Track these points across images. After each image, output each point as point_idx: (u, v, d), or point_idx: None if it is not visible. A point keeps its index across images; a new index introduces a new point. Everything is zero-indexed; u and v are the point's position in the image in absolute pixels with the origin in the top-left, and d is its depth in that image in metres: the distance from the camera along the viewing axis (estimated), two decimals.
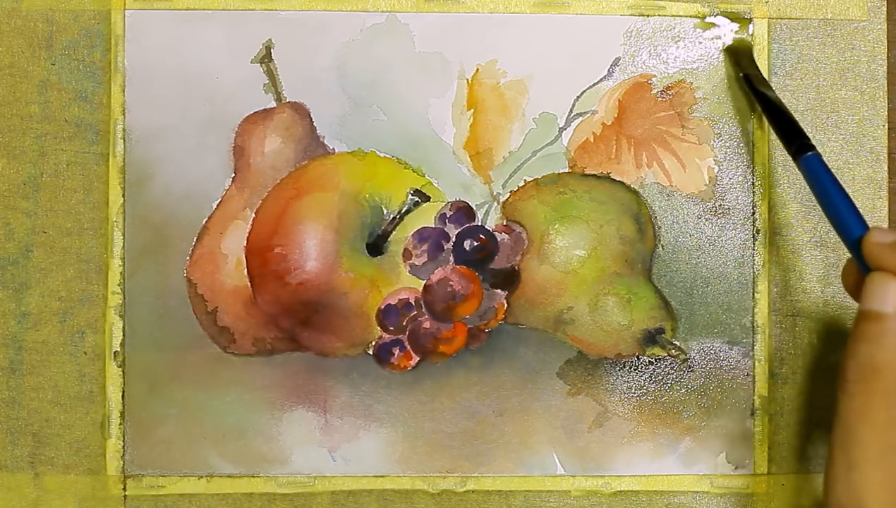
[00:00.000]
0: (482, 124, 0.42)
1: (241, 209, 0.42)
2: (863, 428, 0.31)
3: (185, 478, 0.41)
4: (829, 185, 0.36)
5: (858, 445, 0.31)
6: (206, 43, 0.42)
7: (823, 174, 0.36)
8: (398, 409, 0.42)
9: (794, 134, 0.38)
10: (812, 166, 0.36)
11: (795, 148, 0.37)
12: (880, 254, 0.33)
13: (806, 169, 0.36)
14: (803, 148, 0.37)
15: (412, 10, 0.42)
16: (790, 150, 0.37)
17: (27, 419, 0.41)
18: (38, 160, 0.42)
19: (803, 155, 0.37)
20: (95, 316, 0.41)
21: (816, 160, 0.36)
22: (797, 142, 0.37)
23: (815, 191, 0.36)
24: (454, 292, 0.41)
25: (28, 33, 0.42)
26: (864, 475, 0.31)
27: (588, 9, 0.42)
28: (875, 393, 0.31)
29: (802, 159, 0.37)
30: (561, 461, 0.42)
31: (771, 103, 0.39)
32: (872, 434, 0.31)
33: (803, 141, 0.37)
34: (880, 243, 0.33)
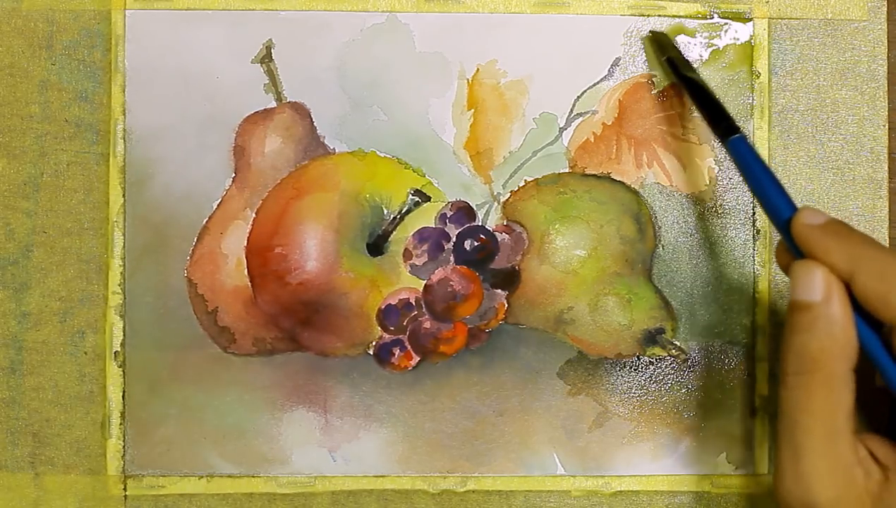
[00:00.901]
0: (482, 124, 0.42)
1: (242, 209, 0.42)
2: (805, 418, 0.31)
3: (185, 478, 0.41)
4: (755, 167, 0.35)
5: (802, 435, 0.31)
6: (206, 43, 0.42)
7: (750, 156, 0.36)
8: (398, 409, 0.42)
9: (720, 117, 0.38)
10: (739, 148, 0.36)
11: (722, 131, 0.37)
12: (808, 236, 0.33)
13: (733, 151, 0.36)
14: (730, 130, 0.37)
15: (412, 10, 0.42)
16: (717, 133, 0.37)
17: (27, 419, 0.41)
18: (38, 160, 0.42)
19: (730, 137, 0.36)
20: (95, 316, 0.41)
21: (743, 142, 0.36)
22: (723, 124, 0.37)
23: (743, 173, 0.36)
24: (454, 292, 0.41)
25: (28, 33, 0.42)
26: (810, 463, 0.31)
27: (588, 9, 0.42)
28: (813, 382, 0.31)
29: (729, 142, 0.36)
30: (561, 461, 0.42)
31: (697, 86, 0.39)
32: (815, 422, 0.31)
33: (729, 123, 0.37)
34: (810, 225, 0.33)
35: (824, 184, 0.42)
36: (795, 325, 0.32)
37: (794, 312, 0.32)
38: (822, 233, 0.33)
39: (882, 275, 0.30)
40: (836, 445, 0.31)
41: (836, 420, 0.31)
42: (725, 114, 0.38)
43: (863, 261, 0.31)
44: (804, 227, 0.33)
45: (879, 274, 0.30)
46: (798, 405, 0.31)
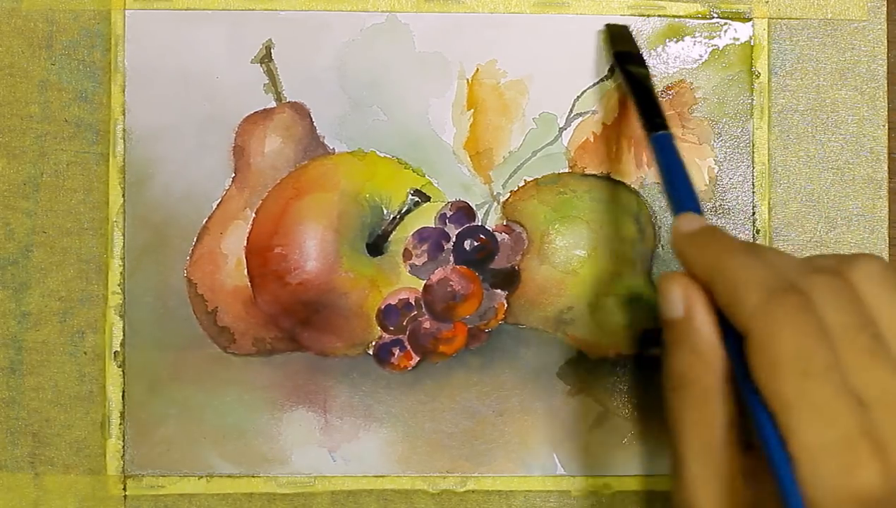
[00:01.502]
0: (482, 124, 0.42)
1: (241, 209, 0.42)
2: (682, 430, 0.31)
3: (185, 478, 0.41)
4: (673, 165, 0.35)
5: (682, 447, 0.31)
6: (206, 43, 0.42)
7: (671, 154, 0.36)
8: (398, 409, 0.42)
9: (653, 113, 0.38)
10: (661, 144, 0.36)
11: (650, 125, 0.37)
12: (678, 245, 0.32)
13: (655, 146, 0.36)
14: (657, 126, 0.37)
15: (412, 10, 0.42)
16: (645, 127, 0.37)
17: (27, 419, 0.41)
18: (38, 160, 0.42)
19: (655, 133, 0.37)
20: (95, 316, 0.41)
21: (667, 140, 0.36)
22: (653, 120, 0.37)
23: (660, 169, 0.36)
24: (454, 292, 0.42)
25: (28, 33, 0.42)
26: (689, 471, 0.31)
27: (588, 9, 0.42)
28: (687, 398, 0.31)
29: (653, 137, 0.36)
30: (561, 461, 0.42)
31: (636, 80, 0.39)
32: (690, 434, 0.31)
33: (659, 120, 0.37)
34: (682, 233, 0.33)
35: (824, 184, 0.42)
36: (666, 343, 0.32)
37: (664, 330, 0.32)
38: (689, 243, 0.32)
39: (732, 289, 0.30)
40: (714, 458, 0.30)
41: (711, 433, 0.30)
42: (659, 111, 0.38)
43: (716, 274, 0.30)
44: (678, 236, 0.33)
45: (730, 287, 0.30)
46: (676, 419, 0.31)
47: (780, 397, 0.28)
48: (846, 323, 0.29)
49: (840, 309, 0.29)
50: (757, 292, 0.29)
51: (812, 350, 0.28)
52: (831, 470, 0.27)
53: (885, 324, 0.29)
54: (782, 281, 0.29)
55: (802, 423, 0.27)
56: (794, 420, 0.27)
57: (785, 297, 0.29)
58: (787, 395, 0.28)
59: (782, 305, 0.28)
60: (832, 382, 0.27)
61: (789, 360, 0.28)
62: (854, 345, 0.28)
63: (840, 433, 0.27)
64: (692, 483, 0.31)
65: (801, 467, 0.27)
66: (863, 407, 0.27)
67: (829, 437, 0.27)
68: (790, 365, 0.28)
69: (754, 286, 0.29)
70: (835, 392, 0.27)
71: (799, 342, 0.28)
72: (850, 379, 0.28)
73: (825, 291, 0.29)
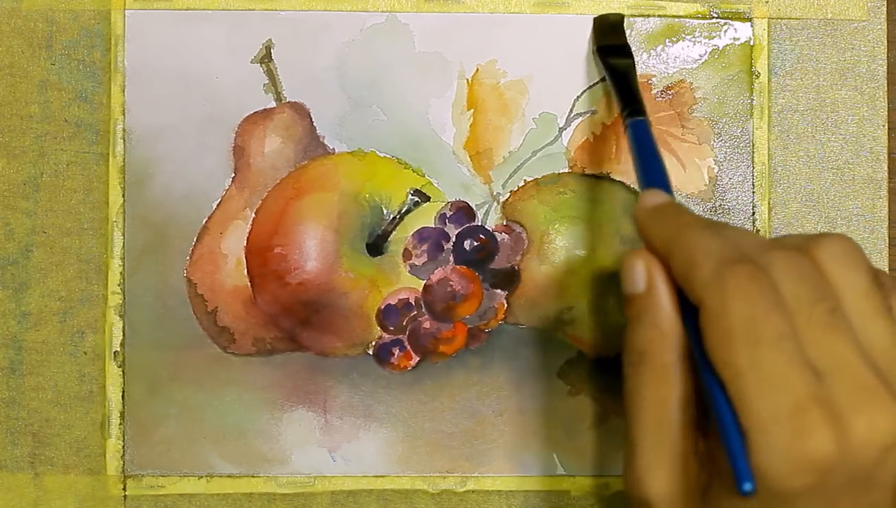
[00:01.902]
0: (482, 124, 0.42)
1: (241, 209, 0.42)
2: (637, 409, 0.31)
3: (185, 478, 0.41)
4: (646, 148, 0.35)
5: (636, 427, 0.30)
6: (206, 43, 0.42)
7: (645, 138, 0.36)
8: (398, 409, 0.42)
9: (631, 99, 0.38)
10: (637, 129, 0.36)
11: (627, 112, 0.37)
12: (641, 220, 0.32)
13: (631, 131, 0.36)
14: (634, 113, 0.37)
15: (412, 10, 0.42)
16: (622, 113, 0.38)
17: (27, 419, 0.41)
18: (38, 160, 0.42)
19: (632, 119, 0.37)
20: (95, 316, 0.41)
21: (643, 125, 0.36)
22: (631, 106, 0.37)
23: (634, 152, 0.36)
24: (454, 292, 0.42)
25: (28, 33, 0.42)
26: (641, 454, 0.30)
27: (588, 9, 0.42)
28: (643, 374, 0.30)
29: (630, 122, 0.37)
30: (561, 461, 0.42)
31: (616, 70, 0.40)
32: (645, 412, 0.30)
33: (636, 107, 0.37)
34: (644, 208, 0.32)
35: (824, 183, 0.42)
36: (627, 318, 0.32)
37: (625, 306, 0.32)
38: (650, 217, 0.32)
39: (687, 260, 0.29)
40: (668, 437, 0.30)
41: (667, 411, 0.30)
42: (637, 98, 0.38)
43: (674, 246, 0.30)
44: (640, 211, 0.32)
45: (685, 258, 0.30)
46: (631, 397, 0.31)
47: (732, 366, 0.28)
48: (802, 295, 0.28)
49: (797, 282, 0.29)
50: (710, 262, 0.29)
51: (764, 318, 0.28)
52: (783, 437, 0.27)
53: (847, 302, 0.29)
54: (736, 252, 0.29)
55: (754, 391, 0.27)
56: (746, 388, 0.27)
57: (737, 267, 0.28)
58: (738, 364, 0.27)
59: (734, 275, 0.28)
60: (784, 351, 0.27)
61: (740, 329, 0.28)
62: (811, 317, 0.28)
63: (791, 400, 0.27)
64: (644, 461, 0.30)
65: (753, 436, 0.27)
66: (817, 376, 0.27)
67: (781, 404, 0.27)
68: (741, 333, 0.28)
69: (708, 257, 0.29)
70: (787, 360, 0.27)
71: (750, 310, 0.28)
72: (806, 350, 0.28)
73: (784, 265, 0.29)
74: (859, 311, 0.29)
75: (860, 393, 0.27)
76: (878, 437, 0.27)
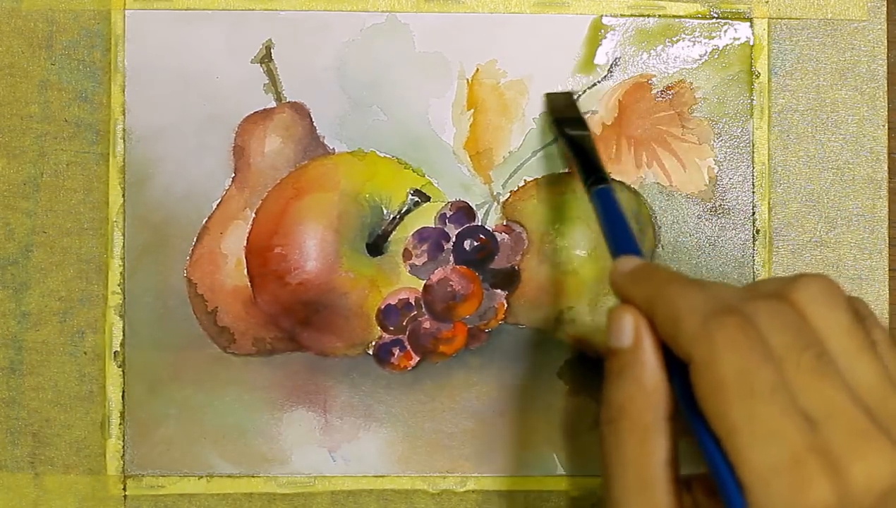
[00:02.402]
0: (482, 124, 0.42)
1: (241, 209, 0.42)
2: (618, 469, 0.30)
3: (185, 478, 0.41)
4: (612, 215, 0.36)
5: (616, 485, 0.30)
6: (206, 43, 0.42)
7: (610, 205, 0.36)
8: (398, 409, 0.42)
9: (593, 169, 0.38)
10: (602, 197, 0.37)
11: (591, 180, 0.38)
12: (616, 284, 0.32)
13: (596, 199, 0.37)
14: (597, 181, 0.37)
15: (412, 10, 0.42)
16: (585, 183, 0.38)
17: (27, 419, 0.41)
18: (38, 160, 0.42)
19: (596, 187, 0.37)
20: (95, 316, 0.41)
21: (607, 193, 0.37)
22: (593, 175, 0.38)
23: (601, 220, 0.36)
24: (454, 292, 0.42)
25: (28, 33, 0.42)
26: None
27: (588, 9, 0.42)
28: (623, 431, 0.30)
29: (594, 191, 0.37)
30: (561, 461, 0.42)
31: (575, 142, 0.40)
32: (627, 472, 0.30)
33: (599, 175, 0.38)
34: (620, 273, 0.32)
35: (824, 184, 0.42)
36: (607, 372, 0.31)
37: (607, 360, 0.31)
38: (628, 281, 0.32)
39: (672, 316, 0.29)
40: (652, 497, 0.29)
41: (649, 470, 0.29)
42: (598, 167, 0.38)
43: (657, 305, 0.30)
44: (616, 276, 0.32)
45: (670, 315, 0.29)
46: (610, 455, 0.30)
47: (726, 420, 0.27)
48: (789, 343, 0.28)
49: (783, 330, 0.28)
50: (696, 316, 0.29)
51: (755, 370, 0.27)
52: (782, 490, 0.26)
53: (832, 344, 0.29)
54: (720, 303, 0.29)
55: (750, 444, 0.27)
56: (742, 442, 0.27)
57: (724, 318, 0.28)
58: (732, 418, 0.27)
59: (722, 326, 0.28)
60: (778, 402, 0.27)
61: (733, 381, 0.27)
62: (799, 365, 0.28)
63: (789, 452, 0.27)
64: None
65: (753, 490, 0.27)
66: (811, 424, 0.27)
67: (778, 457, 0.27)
68: (734, 386, 0.27)
69: (693, 310, 0.29)
70: (781, 411, 0.27)
71: (741, 362, 0.27)
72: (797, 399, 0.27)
73: (767, 314, 0.29)
74: (844, 351, 0.29)
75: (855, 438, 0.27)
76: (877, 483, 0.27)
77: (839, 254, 0.42)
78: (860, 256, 0.42)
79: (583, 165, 0.39)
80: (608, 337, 0.31)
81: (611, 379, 0.31)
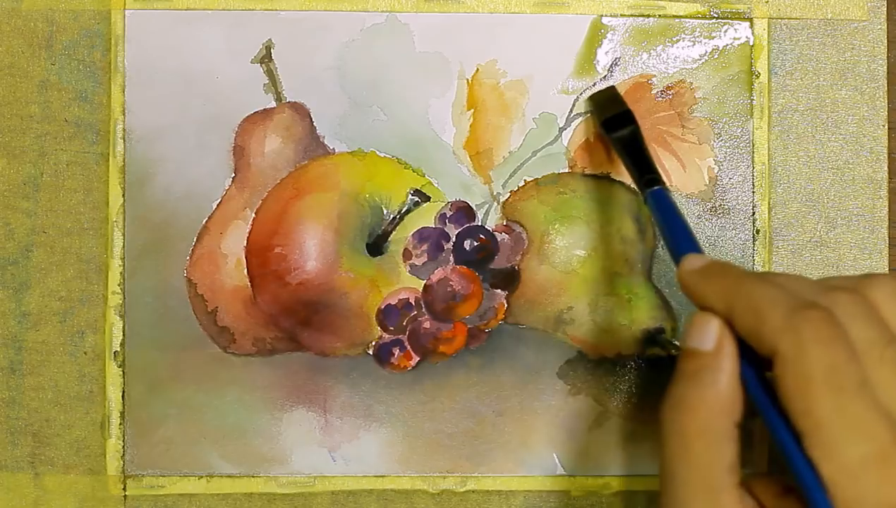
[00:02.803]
0: (482, 124, 0.42)
1: (241, 209, 0.42)
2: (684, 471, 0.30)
3: (185, 478, 0.41)
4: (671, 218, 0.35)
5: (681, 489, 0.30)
6: (206, 43, 0.42)
7: (667, 207, 0.36)
8: (398, 409, 0.42)
9: (645, 169, 0.38)
10: (658, 199, 0.36)
11: (645, 181, 0.37)
12: (689, 283, 0.32)
13: (652, 202, 0.37)
14: (651, 182, 0.37)
15: (412, 10, 0.42)
16: (639, 185, 0.38)
17: (27, 419, 0.41)
18: (38, 160, 0.42)
19: (650, 188, 0.37)
20: (95, 316, 0.41)
21: (662, 194, 0.37)
22: (647, 176, 0.38)
23: (659, 223, 0.36)
24: (454, 292, 0.42)
25: (28, 33, 0.42)
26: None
27: (588, 9, 0.42)
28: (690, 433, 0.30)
29: (649, 193, 0.37)
30: (561, 461, 0.42)
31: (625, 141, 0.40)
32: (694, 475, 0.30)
33: (653, 176, 0.37)
34: (690, 271, 0.32)
35: (824, 184, 0.42)
36: (680, 373, 0.31)
37: (681, 360, 0.31)
38: (700, 278, 0.32)
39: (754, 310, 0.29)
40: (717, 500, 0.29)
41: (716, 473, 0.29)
42: (652, 167, 0.38)
43: (736, 299, 0.30)
44: (685, 274, 0.32)
45: (752, 309, 0.29)
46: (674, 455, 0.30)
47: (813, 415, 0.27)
48: (871, 337, 0.28)
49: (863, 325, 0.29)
50: (781, 309, 0.29)
51: (844, 365, 0.27)
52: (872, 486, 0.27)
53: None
54: (802, 298, 0.29)
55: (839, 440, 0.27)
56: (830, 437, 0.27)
57: (809, 312, 0.28)
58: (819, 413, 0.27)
59: (808, 320, 0.28)
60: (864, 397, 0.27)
61: (822, 376, 0.27)
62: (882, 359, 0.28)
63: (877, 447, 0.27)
64: None
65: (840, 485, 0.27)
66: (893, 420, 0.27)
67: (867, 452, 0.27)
68: (823, 380, 0.27)
69: (776, 305, 0.29)
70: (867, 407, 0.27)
71: (830, 357, 0.28)
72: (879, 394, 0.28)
73: (847, 306, 0.29)
74: None
75: None
76: None
77: (839, 254, 0.42)
78: (860, 256, 0.42)
79: (634, 165, 0.39)
80: (686, 339, 0.31)
81: (684, 380, 0.31)
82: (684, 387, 0.31)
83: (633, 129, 0.40)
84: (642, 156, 0.39)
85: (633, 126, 0.40)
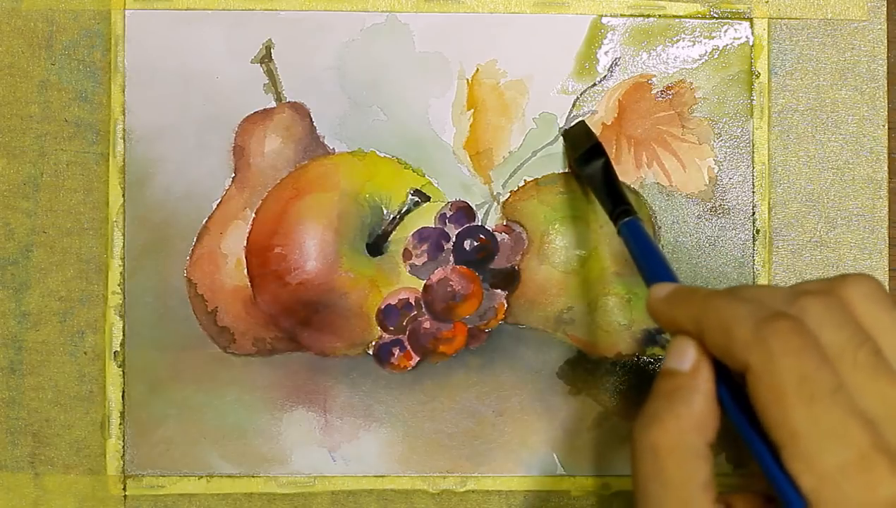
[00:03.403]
0: (482, 124, 0.42)
1: (241, 209, 0.42)
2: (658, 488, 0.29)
3: (185, 478, 0.41)
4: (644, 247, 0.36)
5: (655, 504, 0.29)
6: (206, 43, 0.42)
7: (640, 237, 0.36)
8: (398, 409, 0.42)
9: (617, 201, 0.38)
10: (631, 230, 0.37)
11: (617, 214, 0.37)
12: (658, 311, 0.32)
13: (625, 233, 0.37)
14: (624, 213, 0.37)
15: (412, 10, 0.42)
16: (611, 217, 0.38)
17: (27, 419, 0.41)
18: (38, 160, 0.42)
19: (623, 219, 0.37)
20: (95, 316, 0.41)
21: (634, 225, 0.37)
22: (619, 208, 0.38)
23: (633, 253, 0.36)
24: (454, 292, 0.42)
25: (28, 33, 0.42)
26: None
27: (588, 9, 0.42)
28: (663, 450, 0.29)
29: (621, 224, 0.37)
30: (561, 461, 0.42)
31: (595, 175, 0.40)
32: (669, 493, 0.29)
33: (626, 207, 0.38)
34: (657, 299, 0.32)
35: (824, 184, 0.42)
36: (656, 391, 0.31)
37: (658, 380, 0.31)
38: (668, 305, 0.32)
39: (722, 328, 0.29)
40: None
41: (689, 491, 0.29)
42: (623, 198, 0.38)
43: (705, 320, 0.30)
44: (653, 303, 0.32)
45: (720, 327, 0.29)
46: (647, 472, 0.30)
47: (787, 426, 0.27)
48: (843, 340, 0.28)
49: (835, 328, 0.28)
50: (747, 324, 0.28)
51: (815, 372, 0.27)
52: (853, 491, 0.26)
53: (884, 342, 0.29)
54: (768, 309, 0.29)
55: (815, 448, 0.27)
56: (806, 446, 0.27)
57: (777, 324, 0.28)
58: (795, 423, 0.27)
59: (775, 331, 0.28)
60: (840, 403, 0.27)
61: (793, 386, 0.27)
62: (856, 363, 0.28)
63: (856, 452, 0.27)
64: None
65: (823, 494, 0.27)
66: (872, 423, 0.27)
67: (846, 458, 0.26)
68: (795, 390, 0.27)
69: (743, 319, 0.29)
70: (843, 412, 0.27)
71: (800, 366, 0.27)
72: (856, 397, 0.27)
73: (817, 311, 0.29)
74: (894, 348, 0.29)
75: None
76: None
77: (839, 254, 0.42)
78: (860, 256, 0.42)
79: (607, 197, 0.39)
80: (665, 360, 0.31)
81: (659, 398, 0.31)
82: (658, 405, 0.31)
83: (605, 161, 0.40)
84: (614, 188, 0.39)
85: (603, 158, 0.40)
